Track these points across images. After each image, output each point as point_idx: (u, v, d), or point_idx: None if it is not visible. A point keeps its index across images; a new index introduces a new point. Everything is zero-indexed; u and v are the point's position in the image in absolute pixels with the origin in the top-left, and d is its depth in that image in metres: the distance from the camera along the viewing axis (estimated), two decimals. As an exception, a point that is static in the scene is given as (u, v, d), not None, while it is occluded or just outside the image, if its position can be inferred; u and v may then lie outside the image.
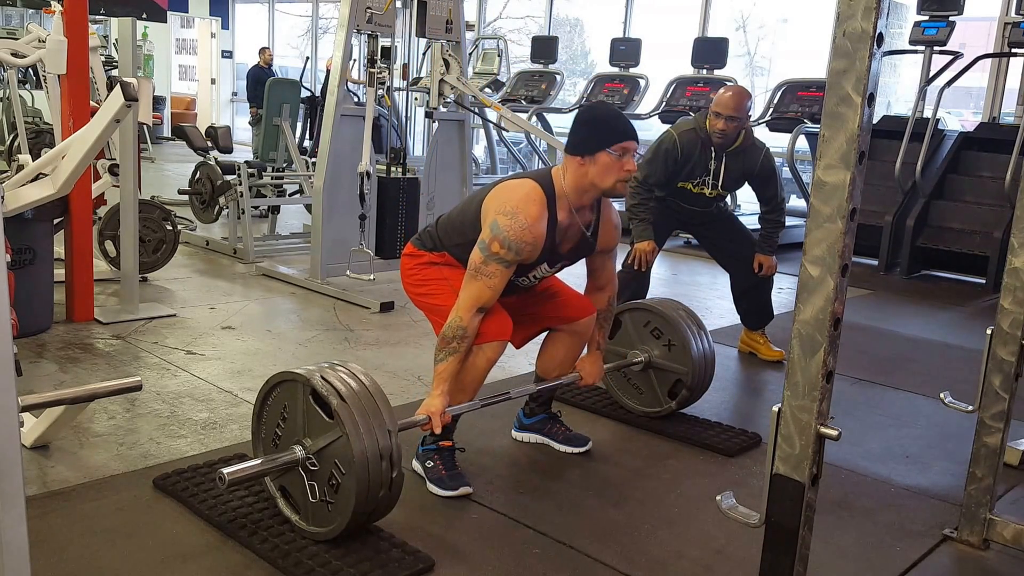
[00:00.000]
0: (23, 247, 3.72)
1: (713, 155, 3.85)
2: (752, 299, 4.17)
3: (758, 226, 4.09)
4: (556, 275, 2.82)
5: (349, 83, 6.34)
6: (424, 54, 8.77)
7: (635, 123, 2.55)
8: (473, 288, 2.44)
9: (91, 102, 4.28)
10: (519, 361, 3.82)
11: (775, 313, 4.24)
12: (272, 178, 6.81)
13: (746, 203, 8.14)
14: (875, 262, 6.89)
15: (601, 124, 2.50)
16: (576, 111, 2.78)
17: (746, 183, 4.01)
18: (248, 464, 2.18)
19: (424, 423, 2.41)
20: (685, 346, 3.14)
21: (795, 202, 8.26)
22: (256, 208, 6.71)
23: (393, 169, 5.27)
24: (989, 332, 2.35)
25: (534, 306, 2.80)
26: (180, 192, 6.59)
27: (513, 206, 2.43)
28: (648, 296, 4.00)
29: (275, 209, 6.85)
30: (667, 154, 3.84)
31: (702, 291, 5.77)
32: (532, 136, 8.58)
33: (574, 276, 2.89)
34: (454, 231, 2.65)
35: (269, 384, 2.29)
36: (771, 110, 7.35)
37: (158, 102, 13.66)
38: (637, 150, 2.52)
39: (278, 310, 4.69)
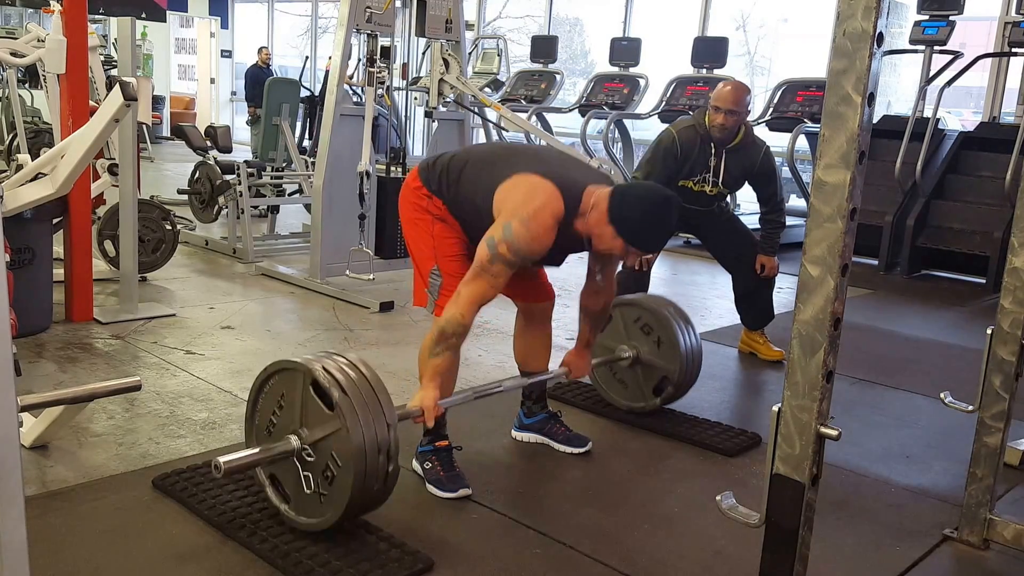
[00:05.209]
0: (22, 247, 3.72)
1: (713, 152, 3.84)
2: (753, 300, 4.17)
3: (759, 227, 4.09)
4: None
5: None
6: (424, 54, 8.77)
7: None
8: (478, 287, 2.40)
9: (90, 102, 4.28)
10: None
11: (775, 313, 4.24)
12: (271, 178, 6.80)
13: (746, 203, 8.14)
14: (875, 262, 6.88)
15: (646, 227, 2.41)
16: (651, 190, 2.61)
17: (746, 182, 4.02)
18: (244, 453, 2.17)
19: (417, 415, 2.38)
20: (673, 343, 3.14)
21: (795, 202, 8.25)
22: (255, 208, 6.70)
23: (393, 169, 5.26)
24: (989, 332, 2.35)
25: None
26: (179, 192, 6.58)
27: (530, 213, 2.37)
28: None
29: (275, 209, 6.84)
30: (667, 152, 3.83)
31: (702, 291, 5.77)
32: (532, 136, 8.57)
33: (575, 276, 2.88)
34: (463, 178, 2.58)
35: (267, 372, 2.27)
36: (771, 110, 7.35)
37: (157, 102, 13.66)
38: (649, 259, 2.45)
39: (277, 310, 4.68)
